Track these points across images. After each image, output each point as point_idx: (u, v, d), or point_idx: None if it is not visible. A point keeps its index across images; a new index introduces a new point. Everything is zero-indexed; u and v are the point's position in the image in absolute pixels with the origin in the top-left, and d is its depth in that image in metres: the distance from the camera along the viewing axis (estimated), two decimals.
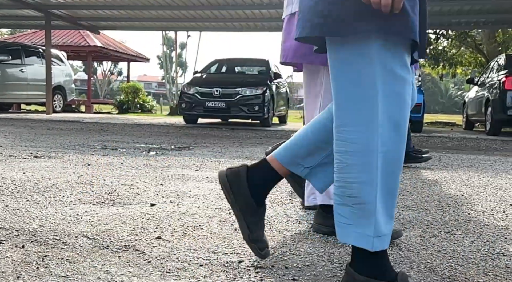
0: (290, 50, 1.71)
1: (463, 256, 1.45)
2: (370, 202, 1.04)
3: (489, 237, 1.68)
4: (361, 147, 1.04)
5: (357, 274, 1.07)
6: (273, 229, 1.69)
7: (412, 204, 2.23)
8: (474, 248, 1.54)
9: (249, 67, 11.93)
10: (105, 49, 16.58)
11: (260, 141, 5.96)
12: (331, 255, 1.42)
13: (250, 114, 8.56)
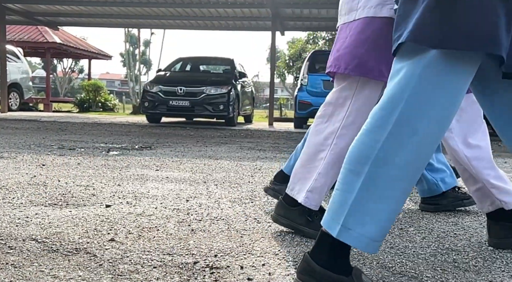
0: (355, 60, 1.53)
1: (414, 252, 1.49)
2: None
3: (440, 233, 1.74)
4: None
5: (314, 262, 1.09)
6: (230, 229, 1.68)
7: None
8: (425, 244, 1.59)
9: (214, 66, 11.87)
10: (65, 46, 16.05)
11: (225, 140, 5.94)
12: (287, 254, 1.43)
13: (214, 113, 8.52)
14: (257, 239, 1.57)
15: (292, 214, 1.63)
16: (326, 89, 8.72)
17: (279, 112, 16.12)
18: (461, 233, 1.76)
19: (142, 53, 32.24)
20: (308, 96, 8.81)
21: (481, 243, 1.62)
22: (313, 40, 17.65)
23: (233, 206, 2.06)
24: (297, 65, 16.98)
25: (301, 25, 12.08)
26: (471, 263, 1.41)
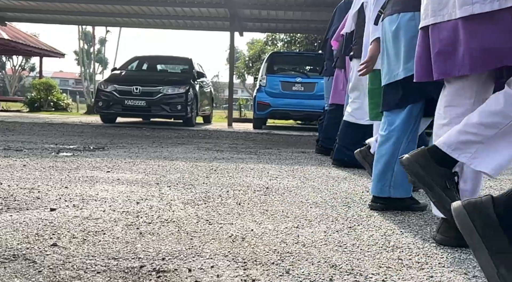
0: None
1: (361, 250, 1.53)
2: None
3: (387, 231, 1.79)
4: None
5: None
6: (181, 231, 1.65)
7: (321, 201, 2.32)
8: (372, 241, 1.63)
9: (172, 66, 11.71)
10: (13, 43, 15.27)
11: (182, 141, 5.86)
12: (236, 255, 1.42)
13: (172, 113, 8.40)
14: (208, 241, 1.55)
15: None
16: (284, 90, 8.82)
17: (239, 113, 16.12)
18: (407, 230, 1.82)
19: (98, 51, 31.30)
20: (266, 97, 8.86)
21: (425, 240, 1.68)
22: (272, 41, 17.79)
23: (185, 208, 2.03)
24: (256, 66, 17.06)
25: (259, 26, 12.14)
26: (414, 259, 1.46)
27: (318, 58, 10.49)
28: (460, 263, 1.43)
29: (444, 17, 1.49)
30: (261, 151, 4.92)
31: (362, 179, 3.17)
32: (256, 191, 2.50)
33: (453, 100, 1.60)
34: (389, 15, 2.03)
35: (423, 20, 1.60)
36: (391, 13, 2.01)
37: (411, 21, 1.94)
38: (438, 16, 1.51)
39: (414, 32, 1.88)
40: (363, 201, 2.38)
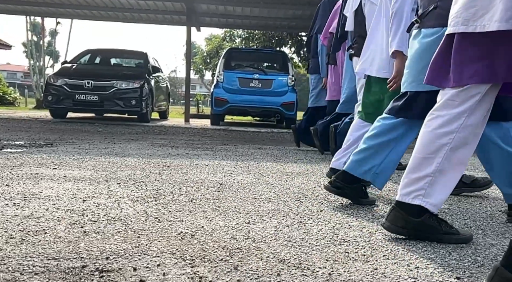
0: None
1: (310, 244, 1.55)
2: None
3: (336, 225, 1.82)
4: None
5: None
6: (128, 229, 1.61)
7: (274, 196, 2.33)
8: (321, 235, 1.66)
9: (126, 60, 11.40)
10: None
11: (136, 137, 5.72)
12: (184, 253, 1.39)
13: (126, 108, 8.18)
14: (155, 239, 1.51)
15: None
16: (242, 87, 8.81)
17: (196, 109, 15.97)
18: (355, 224, 1.86)
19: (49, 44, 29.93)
20: (224, 93, 8.82)
21: (371, 233, 1.72)
22: (230, 37, 17.72)
23: (134, 206, 1.98)
24: (214, 61, 16.94)
25: (217, 22, 12.06)
26: (361, 252, 1.49)
27: (276, 55, 10.57)
28: (404, 255, 1.48)
29: (476, 28, 1.48)
30: (217, 147, 4.89)
31: (315, 174, 3.21)
32: (210, 188, 2.48)
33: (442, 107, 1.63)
34: (430, 27, 1.95)
35: (450, 27, 1.57)
36: (433, 26, 1.93)
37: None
38: (470, 26, 1.49)
39: None
40: (314, 196, 2.41)
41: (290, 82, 8.97)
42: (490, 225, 1.92)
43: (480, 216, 2.10)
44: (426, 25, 1.96)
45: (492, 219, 2.05)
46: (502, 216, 2.12)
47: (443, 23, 1.86)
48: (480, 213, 2.15)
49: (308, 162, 3.95)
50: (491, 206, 2.35)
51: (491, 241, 1.67)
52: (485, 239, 1.70)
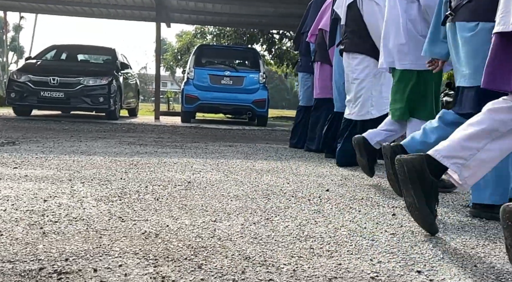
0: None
1: (276, 241, 1.55)
2: None
3: (302, 221, 1.83)
4: None
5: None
6: (89, 230, 1.56)
7: (242, 193, 2.32)
8: (287, 232, 1.66)
9: (93, 56, 11.13)
10: None
11: (103, 135, 5.60)
12: (147, 252, 1.37)
13: (93, 106, 8.00)
14: (118, 239, 1.48)
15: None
16: (213, 84, 8.75)
17: (167, 106, 15.77)
18: (321, 220, 1.87)
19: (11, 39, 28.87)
20: (195, 90, 8.75)
21: (337, 229, 1.74)
22: (201, 34, 17.57)
23: (97, 205, 1.93)
24: (185, 58, 16.75)
25: (187, 18, 11.93)
26: (325, 248, 1.50)
27: (247, 52, 10.57)
28: (367, 250, 1.50)
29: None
30: (187, 145, 4.84)
31: (284, 171, 3.23)
32: (177, 186, 2.45)
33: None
34: (465, 21, 1.91)
35: (499, 25, 1.51)
36: (469, 20, 1.89)
37: (491, 31, 1.82)
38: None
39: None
40: (283, 192, 2.42)
41: (261, 80, 8.97)
42: (451, 220, 1.98)
43: (441, 210, 2.15)
44: (461, 19, 1.92)
45: (453, 213, 2.11)
46: (463, 210, 2.18)
47: (478, 18, 1.85)
48: (442, 208, 2.21)
49: (278, 159, 3.96)
50: (453, 200, 2.42)
51: (451, 235, 1.72)
52: (446, 233, 1.75)
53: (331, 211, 2.05)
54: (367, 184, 2.85)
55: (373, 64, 3.49)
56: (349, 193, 2.50)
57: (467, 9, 1.91)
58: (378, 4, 3.40)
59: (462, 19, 1.93)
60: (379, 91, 3.55)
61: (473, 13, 1.89)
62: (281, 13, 11.02)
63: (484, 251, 1.53)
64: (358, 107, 3.60)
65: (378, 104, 3.54)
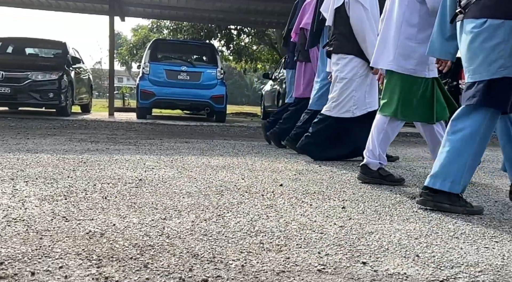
0: None
1: (226, 237, 1.54)
2: None
3: (254, 216, 1.83)
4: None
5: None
6: (30, 231, 1.49)
7: (195, 190, 2.30)
8: (238, 228, 1.65)
9: (43, 49, 10.65)
10: None
11: (53, 132, 5.37)
12: (91, 253, 1.32)
13: (43, 101, 7.66)
14: (60, 240, 1.42)
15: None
16: (169, 79, 8.60)
17: (122, 102, 15.37)
18: (273, 215, 1.88)
19: None
20: (150, 86, 8.56)
21: (288, 223, 1.75)
22: (157, 28, 17.22)
23: (41, 205, 1.84)
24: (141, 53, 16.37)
25: (142, 12, 11.64)
26: (275, 242, 1.51)
27: (204, 47, 10.45)
28: (316, 243, 1.52)
29: None
30: (141, 141, 4.73)
31: (240, 167, 3.22)
32: (127, 184, 2.38)
33: None
34: (474, 18, 1.94)
35: None
36: (477, 17, 1.93)
37: (499, 28, 1.89)
38: None
39: (501, 38, 1.88)
40: (237, 188, 2.41)
41: (219, 75, 8.91)
42: (397, 211, 2.04)
43: (389, 202, 2.22)
44: (470, 16, 1.95)
45: (400, 205, 2.19)
46: (410, 202, 2.26)
47: (488, 14, 1.89)
48: (390, 200, 2.29)
49: (234, 155, 3.95)
50: (400, 193, 2.51)
51: (397, 226, 1.78)
52: (392, 224, 1.81)
53: (283, 205, 2.06)
54: (320, 178, 2.89)
55: (361, 64, 3.59)
56: (302, 187, 2.52)
57: (477, 6, 1.96)
58: (365, 8, 3.49)
59: (471, 16, 1.97)
60: (364, 92, 3.65)
61: (482, 10, 1.93)
62: (238, 8, 10.99)
63: (426, 241, 1.59)
64: (340, 105, 3.67)
65: (361, 104, 3.65)
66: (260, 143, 5.32)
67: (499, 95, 1.91)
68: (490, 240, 1.63)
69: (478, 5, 1.95)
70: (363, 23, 3.46)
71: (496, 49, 1.89)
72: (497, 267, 1.35)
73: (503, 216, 2.03)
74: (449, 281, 1.24)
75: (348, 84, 3.61)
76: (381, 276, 1.26)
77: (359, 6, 3.48)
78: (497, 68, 1.90)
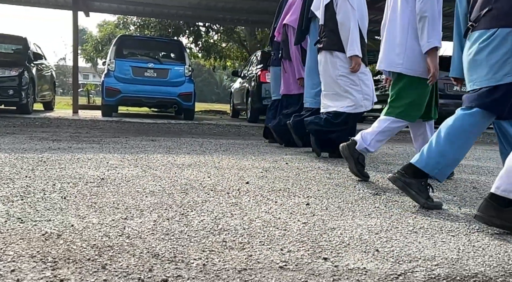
0: None
1: (188, 236, 1.52)
2: None
3: (218, 215, 1.82)
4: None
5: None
6: None
7: (159, 189, 2.26)
8: (201, 226, 1.64)
9: (2, 45, 10.23)
10: None
11: (12, 130, 5.17)
12: (46, 255, 1.27)
13: (2, 99, 7.38)
14: (14, 242, 1.36)
15: (506, 214, 1.67)
16: (136, 76, 8.43)
17: (87, 99, 14.98)
18: (238, 212, 1.87)
19: None
20: (116, 83, 8.36)
21: (252, 220, 1.75)
22: (124, 24, 16.86)
23: None
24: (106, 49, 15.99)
25: (107, 7, 11.36)
26: (238, 240, 1.50)
27: (171, 43, 10.30)
28: (279, 240, 1.52)
29: None
30: (106, 140, 4.63)
31: (207, 165, 3.19)
32: (89, 183, 2.32)
33: None
34: (485, 29, 2.02)
35: None
36: (489, 27, 2.01)
37: (509, 36, 1.96)
38: None
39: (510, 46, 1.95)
40: (202, 186, 2.39)
41: (187, 72, 8.80)
42: (360, 207, 2.08)
43: (352, 198, 2.26)
44: (482, 27, 2.04)
45: (363, 201, 2.22)
46: (372, 198, 2.31)
47: (500, 24, 1.98)
48: (353, 196, 2.32)
49: (201, 153, 3.92)
50: (363, 189, 2.55)
51: (359, 222, 1.81)
52: (354, 220, 1.84)
53: (248, 203, 2.06)
54: (287, 175, 2.91)
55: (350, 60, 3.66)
56: (268, 185, 2.53)
57: (488, 17, 2.05)
58: (352, 8, 3.55)
59: (482, 27, 2.07)
60: (362, 85, 3.69)
61: (492, 21, 2.03)
62: (206, 5, 10.90)
63: (386, 236, 1.62)
64: (348, 101, 3.67)
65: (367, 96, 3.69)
66: (229, 141, 5.30)
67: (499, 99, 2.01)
68: (447, 234, 1.68)
69: (489, 17, 2.05)
70: (349, 21, 3.52)
71: (504, 56, 1.99)
72: (453, 260, 1.40)
73: (460, 210, 2.10)
74: (406, 274, 1.27)
75: (348, 80, 3.66)
76: (342, 271, 1.28)
77: (346, 4, 3.56)
78: (504, 74, 1.99)
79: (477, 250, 1.50)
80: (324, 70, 3.81)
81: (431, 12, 2.60)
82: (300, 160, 3.74)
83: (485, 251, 1.49)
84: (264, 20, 12.36)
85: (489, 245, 1.56)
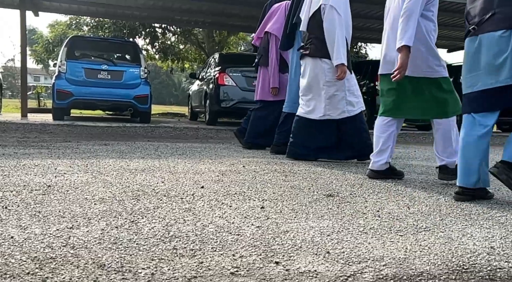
0: None
1: (137, 244, 1.47)
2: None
3: (170, 221, 1.78)
4: None
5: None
6: None
7: (109, 196, 2.18)
8: (151, 234, 1.59)
9: None
10: None
11: None
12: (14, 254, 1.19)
13: None
14: None
15: None
16: (88, 78, 8.16)
17: (37, 102, 14.34)
18: (191, 218, 1.84)
19: None
20: (68, 85, 8.05)
21: (204, 226, 1.72)
22: (76, 25, 16.28)
23: None
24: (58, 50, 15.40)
25: (58, 7, 10.93)
26: (189, 247, 1.47)
27: (126, 45, 10.06)
28: (231, 245, 1.51)
29: None
30: (55, 145, 4.44)
31: (161, 170, 3.13)
32: (34, 191, 2.21)
33: None
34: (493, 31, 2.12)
35: None
36: (496, 29, 2.11)
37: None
38: None
39: None
40: (155, 192, 2.34)
41: (143, 74, 8.62)
42: (313, 209, 2.10)
43: (306, 200, 2.28)
44: (487, 30, 2.13)
45: (317, 203, 2.25)
46: (325, 199, 2.34)
47: (505, 26, 2.09)
48: (307, 198, 2.34)
49: (156, 157, 3.84)
50: (317, 191, 2.58)
51: (311, 224, 1.82)
52: (307, 222, 1.85)
53: (202, 208, 2.03)
54: (243, 178, 2.90)
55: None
56: (224, 189, 2.51)
57: (493, 21, 2.14)
58: (339, 15, 3.64)
59: (489, 30, 2.15)
60: (351, 91, 3.85)
61: (500, 22, 2.12)
62: (162, 6, 10.73)
63: (337, 238, 1.64)
64: (333, 108, 3.82)
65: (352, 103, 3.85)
66: (186, 144, 5.23)
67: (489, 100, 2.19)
68: (395, 234, 1.72)
69: (494, 20, 2.15)
70: (335, 28, 3.63)
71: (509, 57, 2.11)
72: (400, 260, 1.43)
73: (409, 210, 2.17)
74: (355, 276, 1.29)
75: (334, 87, 3.79)
76: (293, 275, 1.28)
77: (333, 12, 3.65)
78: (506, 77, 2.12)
79: (423, 249, 1.54)
80: (309, 76, 3.89)
81: (410, 12, 2.69)
82: (257, 162, 3.74)
83: (431, 250, 1.54)
84: (221, 22, 12.33)
85: (434, 244, 1.61)
